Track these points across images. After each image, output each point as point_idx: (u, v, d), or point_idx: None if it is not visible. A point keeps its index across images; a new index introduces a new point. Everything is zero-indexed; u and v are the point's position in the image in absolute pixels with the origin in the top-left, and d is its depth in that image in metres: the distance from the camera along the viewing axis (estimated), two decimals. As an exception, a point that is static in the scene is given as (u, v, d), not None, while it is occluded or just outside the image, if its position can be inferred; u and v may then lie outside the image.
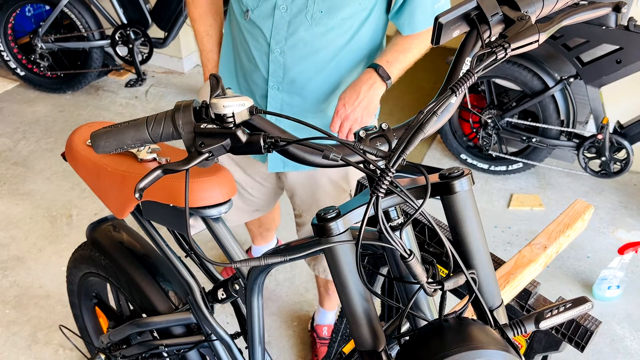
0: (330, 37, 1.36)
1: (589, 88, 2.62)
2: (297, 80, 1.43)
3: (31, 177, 2.93)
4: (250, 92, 1.52)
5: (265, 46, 1.40)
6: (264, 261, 0.72)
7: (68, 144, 1.25)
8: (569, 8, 0.79)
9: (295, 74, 1.42)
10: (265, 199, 1.82)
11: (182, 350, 1.36)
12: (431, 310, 0.80)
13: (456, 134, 3.07)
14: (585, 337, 1.13)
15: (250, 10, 1.37)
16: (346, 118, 1.37)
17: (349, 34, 1.38)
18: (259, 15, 1.36)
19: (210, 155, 0.73)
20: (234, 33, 1.50)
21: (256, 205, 1.85)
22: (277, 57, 1.39)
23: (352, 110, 1.36)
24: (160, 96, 3.69)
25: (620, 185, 3.04)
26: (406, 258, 0.67)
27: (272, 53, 1.39)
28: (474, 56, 0.74)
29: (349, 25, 1.36)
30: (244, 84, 1.54)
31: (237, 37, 1.49)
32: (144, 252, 1.44)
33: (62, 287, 2.28)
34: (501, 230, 2.72)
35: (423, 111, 0.65)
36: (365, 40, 1.43)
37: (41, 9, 3.72)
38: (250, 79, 1.50)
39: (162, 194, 1.10)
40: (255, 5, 1.36)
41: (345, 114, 1.37)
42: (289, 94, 1.46)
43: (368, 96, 1.37)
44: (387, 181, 0.63)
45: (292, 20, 1.34)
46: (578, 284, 2.45)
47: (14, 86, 3.74)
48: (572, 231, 1.25)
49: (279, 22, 1.35)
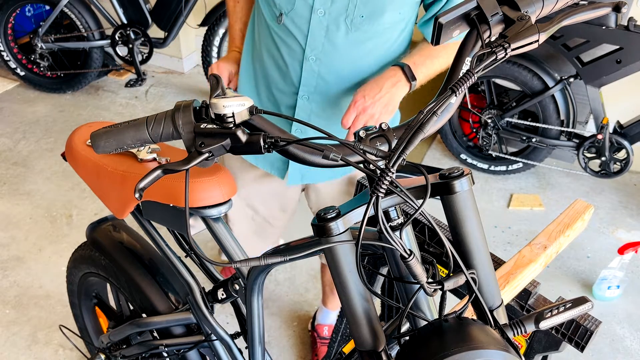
0: (369, 46, 1.29)
1: (589, 88, 2.62)
2: (331, 91, 1.34)
3: (31, 177, 2.93)
4: (274, 102, 1.42)
5: (299, 53, 1.30)
6: (264, 261, 0.72)
7: (68, 144, 1.25)
8: (569, 8, 0.79)
9: (330, 84, 1.33)
10: (287, 223, 1.76)
11: (182, 350, 1.36)
12: (431, 310, 0.80)
13: (456, 134, 3.07)
14: (585, 337, 1.13)
15: (285, 14, 1.26)
16: (363, 111, 1.23)
17: (387, 44, 1.31)
18: (293, 20, 1.26)
19: (210, 155, 0.73)
20: (260, 39, 1.39)
21: (279, 234, 1.79)
22: (311, 65, 1.30)
23: (371, 104, 1.22)
24: (160, 96, 3.69)
25: (620, 185, 3.04)
26: (406, 258, 0.67)
27: (307, 61, 1.29)
28: (474, 56, 0.74)
29: (388, 35, 1.29)
30: (267, 94, 1.43)
31: (264, 43, 1.38)
32: (144, 252, 1.44)
33: (62, 287, 2.28)
34: (501, 230, 2.72)
35: (423, 111, 0.65)
36: (400, 52, 1.36)
37: (41, 9, 3.72)
38: (276, 88, 1.40)
39: (162, 194, 1.10)
40: (289, 9, 1.25)
41: (364, 106, 1.22)
42: (319, 104, 1.37)
43: (390, 93, 1.25)
44: (387, 181, 0.63)
45: (330, 25, 1.24)
46: (578, 284, 2.45)
47: (14, 86, 3.74)
48: (572, 231, 1.25)
49: (315, 27, 1.25)
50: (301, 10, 1.24)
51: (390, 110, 1.27)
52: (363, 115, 1.23)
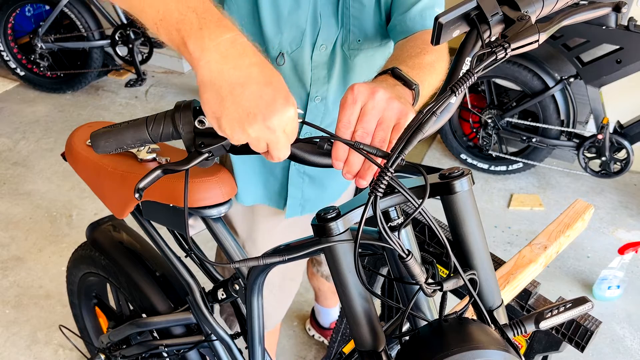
0: (372, 69, 1.19)
1: (589, 88, 2.62)
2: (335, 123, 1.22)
3: (31, 177, 2.93)
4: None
5: (303, 94, 1.18)
6: (263, 261, 0.72)
7: (68, 144, 1.25)
8: (569, 8, 0.79)
9: (335, 117, 1.20)
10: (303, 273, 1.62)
11: (182, 350, 1.36)
12: (431, 310, 0.80)
13: (456, 133, 3.07)
14: (585, 337, 1.13)
15: (287, 54, 1.13)
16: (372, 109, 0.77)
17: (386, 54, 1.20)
18: (296, 60, 1.13)
19: (210, 155, 0.73)
20: None
21: (296, 288, 1.61)
22: (316, 105, 1.19)
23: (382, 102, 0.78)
24: (160, 96, 3.69)
25: (620, 185, 3.04)
26: (404, 258, 0.67)
27: (311, 102, 1.18)
28: (474, 56, 0.74)
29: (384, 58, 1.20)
30: None
31: None
32: (144, 252, 1.44)
33: (62, 287, 2.28)
34: (501, 230, 2.72)
35: (422, 111, 0.65)
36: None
37: (41, 9, 3.72)
38: None
39: (162, 194, 1.10)
40: (292, 49, 1.12)
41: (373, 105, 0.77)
42: None
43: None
44: (385, 181, 0.63)
45: (331, 58, 1.14)
46: (578, 284, 2.45)
47: (14, 86, 3.74)
48: (572, 231, 1.25)
49: (318, 63, 1.14)
50: (304, 47, 1.12)
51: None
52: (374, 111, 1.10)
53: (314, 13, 1.08)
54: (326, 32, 1.10)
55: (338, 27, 1.11)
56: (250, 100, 0.65)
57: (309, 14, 1.08)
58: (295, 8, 1.07)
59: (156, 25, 0.72)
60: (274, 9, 1.07)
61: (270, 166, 1.27)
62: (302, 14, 1.08)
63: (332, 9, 1.09)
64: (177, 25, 0.70)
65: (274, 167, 1.27)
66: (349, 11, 1.09)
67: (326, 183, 1.31)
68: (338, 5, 1.09)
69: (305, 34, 1.09)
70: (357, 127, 0.73)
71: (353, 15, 1.10)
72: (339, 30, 1.11)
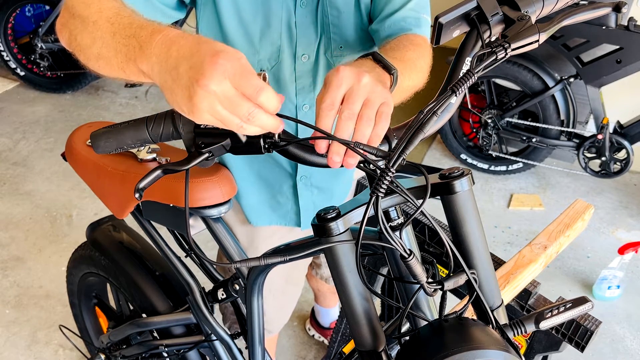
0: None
1: (589, 88, 2.62)
2: None
3: (31, 177, 2.93)
4: (265, 161, 1.25)
5: (290, 105, 1.15)
6: (264, 261, 0.72)
7: (68, 144, 1.25)
8: (569, 8, 0.79)
9: None
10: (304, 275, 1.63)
11: (182, 350, 1.36)
12: (431, 310, 0.80)
13: (456, 134, 3.07)
14: (585, 337, 1.13)
15: (267, 70, 1.10)
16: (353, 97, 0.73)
17: None
18: (277, 74, 1.11)
19: (210, 155, 0.73)
20: None
21: (299, 293, 1.62)
22: (306, 114, 1.16)
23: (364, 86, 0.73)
24: (160, 96, 3.69)
25: (620, 185, 3.04)
26: (406, 258, 0.67)
27: (300, 110, 1.16)
28: (474, 56, 0.74)
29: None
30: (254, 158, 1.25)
31: None
32: (144, 252, 1.44)
33: (62, 287, 2.27)
34: (501, 230, 2.72)
35: (423, 111, 0.65)
36: None
37: (41, 8, 3.72)
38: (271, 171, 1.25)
39: (162, 194, 1.10)
40: (271, 64, 1.10)
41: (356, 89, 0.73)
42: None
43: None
44: (387, 181, 0.63)
45: (315, 66, 1.13)
46: (578, 284, 2.45)
47: (14, 86, 3.74)
48: (572, 231, 1.26)
49: (302, 72, 1.12)
50: (284, 61, 1.10)
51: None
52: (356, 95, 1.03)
53: (288, 26, 1.08)
54: (305, 41, 1.10)
55: (317, 35, 1.10)
56: (185, 76, 0.64)
57: (282, 30, 1.08)
58: (266, 28, 1.07)
59: (122, 69, 0.75)
60: (246, 37, 1.08)
61: (279, 184, 1.26)
62: (274, 32, 1.08)
63: (311, 17, 1.09)
64: (128, 55, 0.72)
65: (282, 184, 1.26)
66: (327, 19, 1.09)
67: (334, 189, 1.32)
68: (317, 13, 1.08)
69: (282, 49, 1.09)
70: (343, 107, 0.70)
71: (332, 22, 1.09)
72: (318, 38, 1.11)
